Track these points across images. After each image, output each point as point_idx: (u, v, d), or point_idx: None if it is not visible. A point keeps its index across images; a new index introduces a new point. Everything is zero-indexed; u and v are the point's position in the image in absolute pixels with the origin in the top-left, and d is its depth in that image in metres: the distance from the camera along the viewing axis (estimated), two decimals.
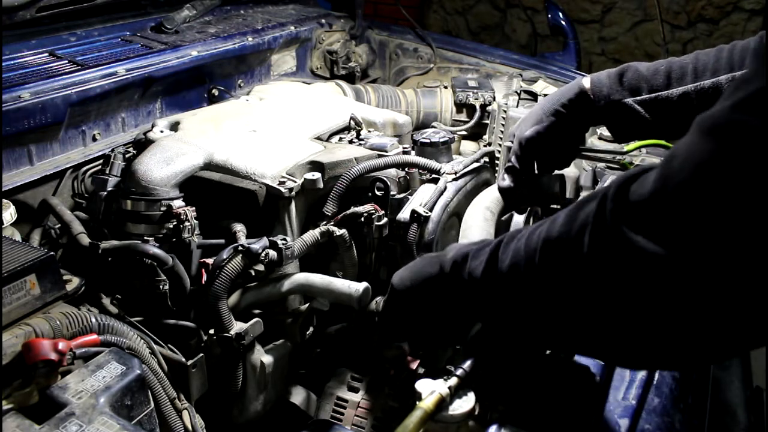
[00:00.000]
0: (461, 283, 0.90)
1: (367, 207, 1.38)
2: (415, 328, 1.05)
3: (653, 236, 0.61)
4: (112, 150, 1.56)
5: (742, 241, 0.56)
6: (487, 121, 2.18)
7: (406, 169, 1.50)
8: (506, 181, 1.26)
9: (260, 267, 1.29)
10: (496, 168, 1.79)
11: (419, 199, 1.41)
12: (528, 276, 0.78)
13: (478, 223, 1.42)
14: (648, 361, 0.77)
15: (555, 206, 1.39)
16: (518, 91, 2.18)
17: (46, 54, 1.67)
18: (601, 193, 0.70)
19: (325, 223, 1.39)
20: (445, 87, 2.32)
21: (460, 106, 2.24)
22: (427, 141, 1.55)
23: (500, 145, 2.10)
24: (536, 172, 1.28)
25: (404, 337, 1.17)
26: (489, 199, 1.49)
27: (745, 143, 0.55)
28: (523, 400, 0.99)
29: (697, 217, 0.58)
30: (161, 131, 1.61)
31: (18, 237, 1.32)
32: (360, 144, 1.63)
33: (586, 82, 1.23)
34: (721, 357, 1.08)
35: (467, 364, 1.00)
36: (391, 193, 1.44)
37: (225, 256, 1.26)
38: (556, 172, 1.31)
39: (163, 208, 1.37)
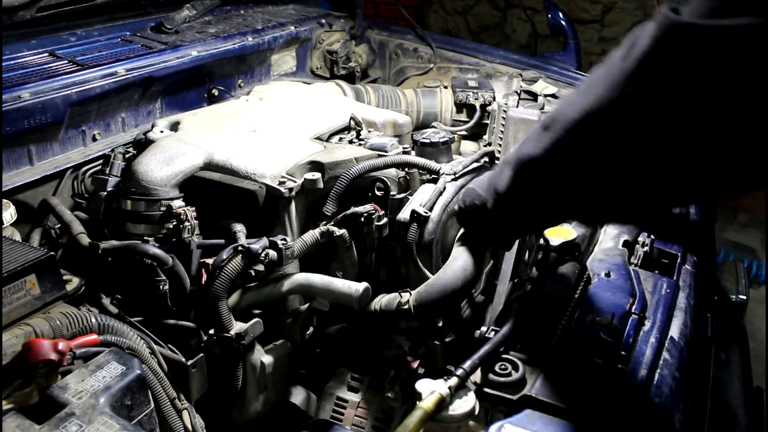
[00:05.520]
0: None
1: (367, 207, 1.38)
2: None
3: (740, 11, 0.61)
4: (112, 150, 1.56)
5: None
6: (487, 121, 2.19)
7: (406, 169, 1.50)
8: None
9: (260, 267, 1.29)
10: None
11: (419, 199, 1.41)
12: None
13: None
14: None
15: None
16: (518, 91, 2.18)
17: (46, 54, 1.67)
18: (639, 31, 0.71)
19: (325, 223, 1.39)
20: (445, 87, 2.32)
21: (460, 106, 2.24)
22: (427, 141, 1.55)
23: (500, 145, 2.10)
24: None
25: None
26: None
27: None
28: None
29: None
30: (161, 131, 1.61)
31: (18, 237, 1.32)
32: (360, 144, 1.63)
33: None
34: None
35: (467, 364, 1.00)
36: (391, 193, 1.44)
37: (225, 257, 1.26)
38: None
39: (163, 208, 1.37)
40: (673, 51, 0.68)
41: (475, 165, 1.53)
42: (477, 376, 1.02)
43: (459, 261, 1.25)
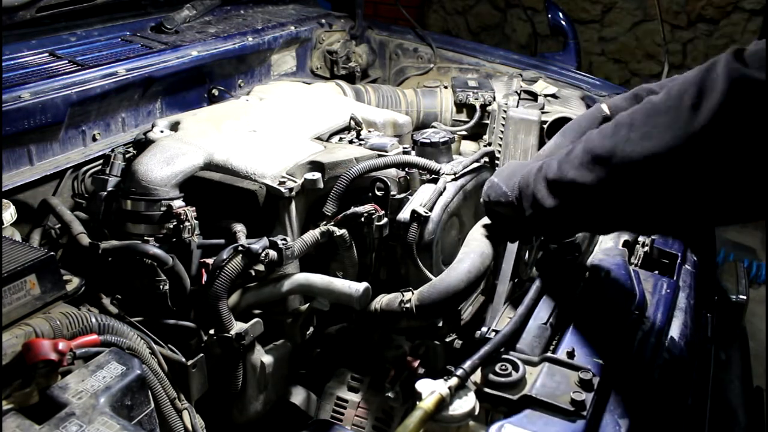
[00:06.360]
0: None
1: (367, 207, 1.38)
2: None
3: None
4: (112, 150, 1.56)
5: None
6: (487, 121, 2.18)
7: (406, 169, 1.50)
8: None
9: (260, 267, 1.29)
10: (496, 168, 1.79)
11: (419, 199, 1.41)
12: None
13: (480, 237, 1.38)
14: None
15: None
16: (518, 91, 2.18)
17: (46, 54, 1.67)
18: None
19: (325, 223, 1.39)
20: (445, 87, 2.32)
21: (460, 106, 2.24)
22: (427, 141, 1.55)
23: (500, 145, 2.10)
24: None
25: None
26: None
27: None
28: None
29: None
30: (161, 131, 1.61)
31: (18, 237, 1.32)
32: (360, 144, 1.63)
33: (604, 107, 1.25)
34: None
35: (468, 364, 1.00)
36: (391, 193, 1.44)
37: (225, 256, 1.26)
38: None
39: (163, 208, 1.37)
40: (745, 108, 0.76)
41: (475, 165, 1.53)
42: (477, 377, 1.02)
43: (465, 264, 1.25)
